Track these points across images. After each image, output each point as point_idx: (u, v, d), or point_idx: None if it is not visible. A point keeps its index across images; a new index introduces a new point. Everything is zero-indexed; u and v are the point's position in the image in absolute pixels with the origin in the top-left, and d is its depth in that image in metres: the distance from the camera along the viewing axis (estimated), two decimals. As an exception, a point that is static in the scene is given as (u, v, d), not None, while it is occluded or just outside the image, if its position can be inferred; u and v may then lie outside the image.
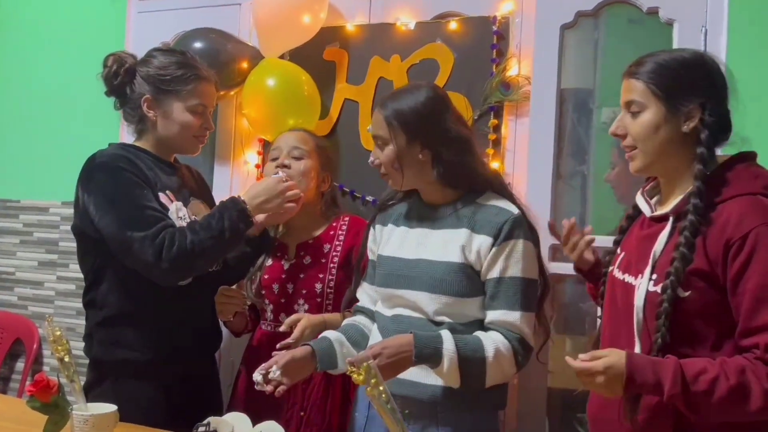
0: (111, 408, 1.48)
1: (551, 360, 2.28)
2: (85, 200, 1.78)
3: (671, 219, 1.39)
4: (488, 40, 2.23)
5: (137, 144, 1.91)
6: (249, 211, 1.78)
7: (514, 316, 1.58)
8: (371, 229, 1.84)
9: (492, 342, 1.55)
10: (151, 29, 2.77)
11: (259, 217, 1.86)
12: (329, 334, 1.75)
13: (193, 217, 1.87)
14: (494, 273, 1.60)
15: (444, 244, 1.64)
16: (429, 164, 1.66)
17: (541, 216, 2.15)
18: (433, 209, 1.71)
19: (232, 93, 2.49)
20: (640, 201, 1.52)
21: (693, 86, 1.38)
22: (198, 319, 1.92)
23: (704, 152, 1.35)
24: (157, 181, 1.83)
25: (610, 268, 1.53)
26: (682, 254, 1.31)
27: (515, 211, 1.64)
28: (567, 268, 2.22)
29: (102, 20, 2.94)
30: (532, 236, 1.65)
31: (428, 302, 1.62)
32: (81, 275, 1.92)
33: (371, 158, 1.73)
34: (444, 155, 1.64)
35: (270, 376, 1.57)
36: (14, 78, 3.15)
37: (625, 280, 1.44)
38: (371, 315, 1.80)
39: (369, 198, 2.32)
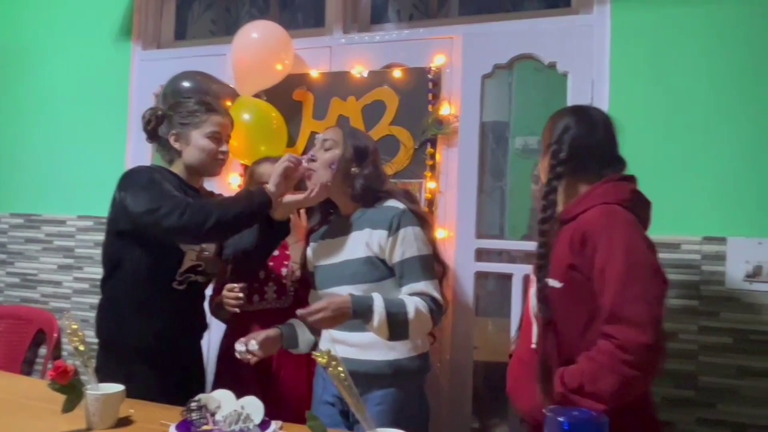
0: (119, 388, 1.44)
1: (476, 338, 2.32)
2: (121, 197, 1.73)
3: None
4: (425, 86, 2.26)
5: (169, 168, 1.86)
6: (268, 191, 1.67)
7: (420, 286, 1.61)
8: (308, 248, 1.84)
9: (413, 302, 1.57)
10: (152, 73, 2.74)
11: (287, 199, 1.74)
12: (293, 321, 1.76)
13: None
14: (396, 258, 1.62)
15: (354, 245, 1.67)
16: (352, 180, 1.69)
17: (468, 221, 2.24)
18: (346, 219, 1.73)
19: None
20: None
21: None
22: (191, 315, 1.89)
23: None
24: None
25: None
26: (542, 253, 1.38)
27: (401, 206, 1.66)
28: (489, 267, 2.28)
29: (110, 66, 2.89)
30: (420, 222, 1.66)
31: (352, 292, 1.62)
32: (93, 276, 1.89)
33: (309, 154, 1.70)
34: (364, 177, 1.68)
35: (249, 348, 1.60)
36: (37, 115, 3.06)
37: (532, 277, 1.49)
38: None
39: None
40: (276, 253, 1.98)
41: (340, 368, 1.25)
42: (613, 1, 2.08)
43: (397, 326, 1.54)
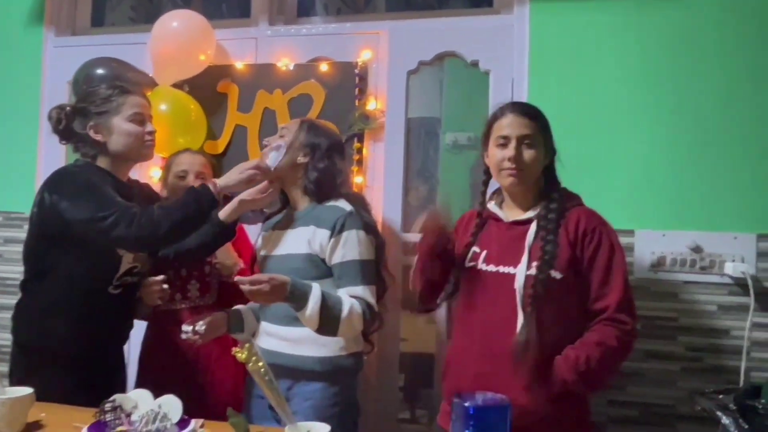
0: (27, 391, 1.38)
1: (404, 330, 2.37)
2: (53, 200, 1.64)
3: (535, 222, 1.51)
4: (352, 81, 2.27)
5: (95, 164, 1.77)
6: (213, 191, 1.65)
7: (357, 290, 1.62)
8: (259, 238, 1.85)
9: (349, 302, 1.59)
10: (66, 62, 2.60)
11: (233, 203, 1.75)
12: (239, 307, 1.79)
13: None
14: (336, 259, 1.64)
15: (296, 240, 1.68)
16: (302, 169, 1.71)
17: (393, 215, 2.28)
18: (295, 213, 1.75)
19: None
20: (496, 209, 1.61)
21: (552, 137, 1.59)
22: (122, 318, 1.84)
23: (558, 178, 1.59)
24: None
25: (471, 264, 1.57)
26: (551, 248, 1.46)
27: (348, 208, 1.68)
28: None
29: (20, 53, 2.72)
30: (365, 227, 1.68)
31: None
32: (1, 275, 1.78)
33: (276, 138, 1.76)
34: (318, 171, 1.70)
35: (197, 329, 1.61)
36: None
37: (500, 271, 1.51)
38: None
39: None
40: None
41: (260, 363, 1.26)
42: (531, 2, 2.16)
43: (328, 321, 1.55)
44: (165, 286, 1.80)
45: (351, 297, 1.61)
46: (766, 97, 1.97)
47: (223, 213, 1.75)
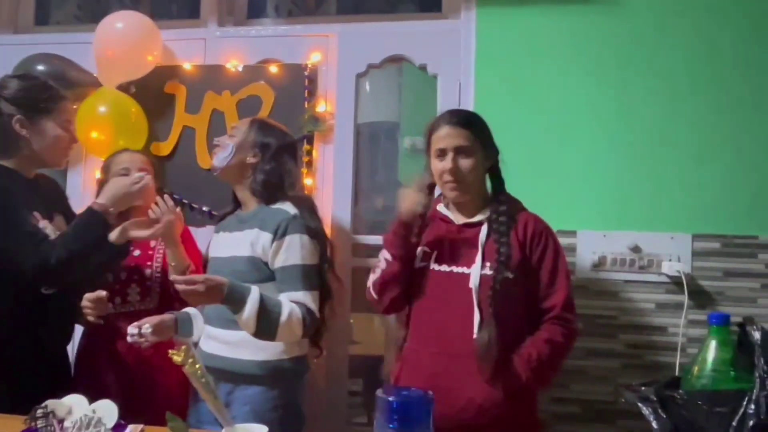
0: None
1: (355, 333, 2.38)
2: None
3: (486, 225, 1.55)
4: (301, 83, 2.27)
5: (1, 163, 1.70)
6: (104, 216, 1.65)
7: (298, 295, 1.61)
8: (211, 240, 1.84)
9: (288, 306, 1.57)
10: (7, 61, 2.49)
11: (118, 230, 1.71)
12: (189, 309, 1.76)
13: (57, 232, 1.72)
14: (278, 263, 1.63)
15: (241, 242, 1.67)
16: (251, 169, 1.70)
17: (344, 217, 2.28)
18: (244, 215, 1.74)
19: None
20: (445, 211, 1.63)
21: (491, 139, 1.61)
22: (57, 320, 1.77)
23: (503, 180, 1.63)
24: (26, 201, 1.66)
25: (422, 264, 1.59)
26: (505, 249, 1.50)
27: (292, 211, 1.66)
28: (366, 263, 2.31)
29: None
30: (309, 231, 1.67)
31: None
32: None
33: (226, 137, 1.77)
34: (264, 172, 1.69)
35: (143, 331, 1.58)
36: None
37: (454, 271, 1.54)
38: None
39: (205, 208, 2.30)
40: (138, 253, 1.94)
41: (197, 366, 1.25)
42: (478, 8, 2.20)
43: (265, 324, 1.54)
44: (110, 305, 1.77)
45: (291, 302, 1.60)
46: (703, 103, 2.05)
47: (113, 236, 1.68)
